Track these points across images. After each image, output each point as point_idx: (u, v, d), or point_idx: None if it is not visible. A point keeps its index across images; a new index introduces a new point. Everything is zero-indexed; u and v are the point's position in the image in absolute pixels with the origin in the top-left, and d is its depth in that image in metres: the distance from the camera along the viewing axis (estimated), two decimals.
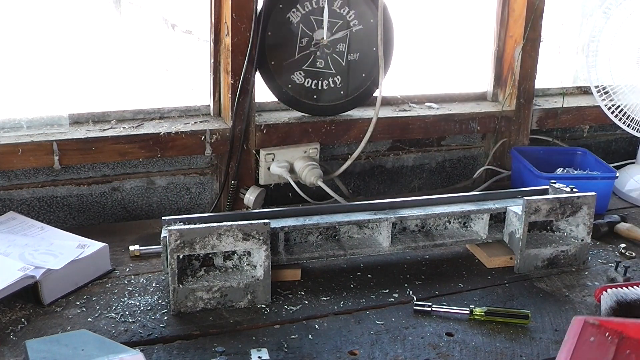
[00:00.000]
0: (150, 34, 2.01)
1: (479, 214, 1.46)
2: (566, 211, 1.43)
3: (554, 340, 1.21)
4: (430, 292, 1.34)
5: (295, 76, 1.71)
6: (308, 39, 1.69)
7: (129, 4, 2.00)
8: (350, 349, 1.16)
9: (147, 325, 1.19)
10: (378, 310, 1.27)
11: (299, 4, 1.66)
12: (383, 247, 1.40)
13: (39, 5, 1.69)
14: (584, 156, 1.91)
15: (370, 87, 1.79)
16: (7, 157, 1.49)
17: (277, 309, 1.26)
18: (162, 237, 1.25)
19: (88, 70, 1.81)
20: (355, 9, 1.71)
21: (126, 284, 1.32)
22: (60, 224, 1.56)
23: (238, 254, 1.29)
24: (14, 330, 1.16)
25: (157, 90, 1.93)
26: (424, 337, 1.20)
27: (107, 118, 1.65)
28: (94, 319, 1.20)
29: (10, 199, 1.56)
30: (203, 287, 1.24)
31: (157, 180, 1.68)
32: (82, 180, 1.62)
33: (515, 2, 1.92)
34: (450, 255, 1.50)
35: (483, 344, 1.19)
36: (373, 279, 1.39)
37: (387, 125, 1.83)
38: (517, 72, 1.93)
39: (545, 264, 1.44)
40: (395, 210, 1.42)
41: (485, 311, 1.25)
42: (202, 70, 1.75)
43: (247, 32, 1.61)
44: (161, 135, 1.61)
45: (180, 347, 1.14)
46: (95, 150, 1.56)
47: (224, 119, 1.71)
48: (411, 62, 2.04)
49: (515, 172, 1.87)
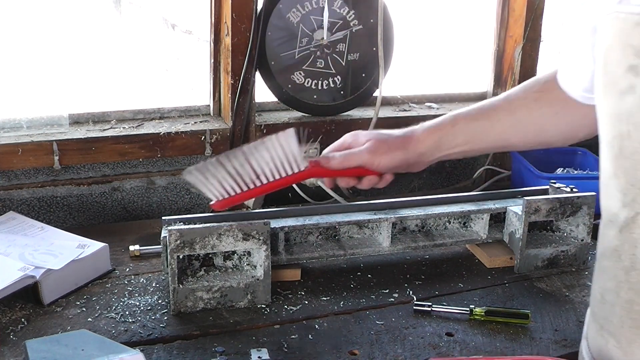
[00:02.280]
0: (150, 34, 2.01)
1: (479, 214, 1.46)
2: (566, 211, 1.43)
3: (554, 340, 1.21)
4: (430, 292, 1.34)
5: (295, 76, 1.71)
6: (308, 39, 1.69)
7: (129, 4, 2.00)
8: (350, 349, 1.16)
9: (147, 325, 1.19)
10: (378, 310, 1.27)
11: (299, 4, 1.66)
12: (383, 247, 1.40)
13: (39, 5, 1.69)
14: (584, 156, 1.91)
15: (370, 87, 1.79)
16: (7, 157, 1.49)
17: (277, 309, 1.26)
18: (162, 237, 1.25)
19: (88, 70, 1.81)
20: (355, 9, 1.72)
21: (126, 284, 1.32)
22: (60, 224, 1.56)
23: (238, 254, 1.29)
24: (14, 330, 1.16)
25: (157, 90, 1.93)
26: (424, 337, 1.20)
27: (107, 118, 1.66)
28: (94, 319, 1.20)
29: (10, 199, 1.56)
30: (203, 287, 1.24)
31: (157, 180, 1.68)
32: (82, 180, 1.62)
33: (515, 2, 1.92)
34: (450, 255, 1.50)
35: (483, 344, 1.19)
36: (373, 279, 1.39)
37: (387, 125, 1.81)
38: (517, 72, 1.93)
39: (545, 264, 1.44)
40: (395, 210, 1.42)
41: (485, 311, 1.25)
42: (202, 70, 1.75)
43: (247, 32, 1.61)
44: (161, 135, 1.61)
45: (180, 347, 1.14)
46: (95, 150, 1.56)
47: (224, 119, 1.71)
48: (411, 62, 2.04)
49: (515, 172, 1.87)
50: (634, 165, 0.79)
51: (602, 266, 0.89)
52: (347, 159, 1.17)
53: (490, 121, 1.17)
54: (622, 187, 0.82)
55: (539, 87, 1.16)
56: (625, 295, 0.84)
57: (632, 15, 0.77)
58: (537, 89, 1.16)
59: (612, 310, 0.86)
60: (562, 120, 1.14)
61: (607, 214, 0.86)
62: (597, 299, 0.91)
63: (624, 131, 0.80)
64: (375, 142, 1.17)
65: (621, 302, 0.85)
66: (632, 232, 0.82)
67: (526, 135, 1.19)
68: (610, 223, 0.86)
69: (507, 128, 1.18)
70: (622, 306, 0.85)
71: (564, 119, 1.13)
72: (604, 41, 0.82)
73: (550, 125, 1.15)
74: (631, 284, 0.83)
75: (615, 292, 0.86)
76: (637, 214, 0.81)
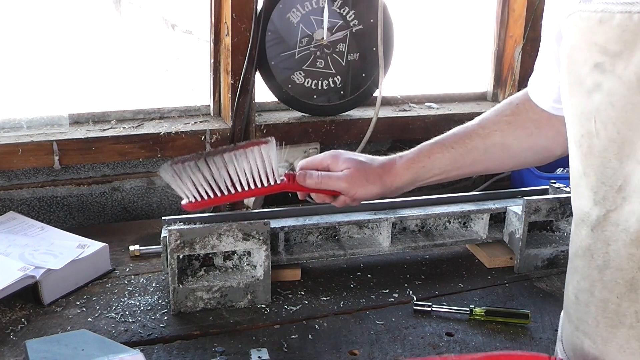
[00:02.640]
0: (150, 34, 2.01)
1: (479, 214, 1.46)
2: (566, 211, 1.43)
3: (554, 340, 1.20)
4: (430, 292, 1.34)
5: (295, 76, 1.71)
6: (308, 39, 1.69)
7: (129, 4, 2.00)
8: (350, 349, 1.16)
9: (147, 325, 1.19)
10: (378, 310, 1.27)
11: (299, 4, 1.66)
12: (383, 247, 1.40)
13: (39, 5, 1.69)
14: None
15: (370, 87, 1.79)
16: (7, 157, 1.49)
17: (277, 309, 1.26)
18: (162, 237, 1.25)
19: (88, 70, 1.81)
20: (355, 9, 1.72)
21: (126, 284, 1.32)
22: (60, 224, 1.56)
23: (238, 254, 1.29)
24: (14, 330, 1.16)
25: (157, 90, 1.93)
26: (424, 337, 1.20)
27: (107, 118, 1.66)
28: (94, 319, 1.20)
29: (10, 199, 1.56)
30: (203, 287, 1.24)
31: (157, 180, 1.68)
32: (82, 180, 1.62)
33: (515, 2, 1.92)
34: (450, 255, 1.50)
35: (483, 344, 1.19)
36: (373, 279, 1.39)
37: (387, 125, 1.83)
38: (517, 72, 1.93)
39: (545, 264, 1.44)
40: (395, 210, 1.42)
41: (485, 311, 1.25)
42: (202, 70, 1.75)
43: (247, 32, 1.61)
44: (161, 135, 1.61)
45: (180, 347, 1.14)
46: (95, 150, 1.56)
47: (224, 118, 1.71)
48: (411, 62, 2.04)
49: (515, 172, 1.87)
50: (604, 163, 0.80)
51: (574, 266, 0.90)
52: (324, 183, 1.16)
53: (466, 148, 1.17)
54: (593, 186, 0.82)
55: (512, 109, 1.16)
56: (600, 295, 0.84)
57: (595, 13, 0.77)
58: (510, 112, 1.16)
59: (587, 310, 0.86)
60: (536, 141, 1.14)
61: (579, 213, 0.87)
62: (571, 300, 0.91)
63: (592, 129, 0.80)
64: (354, 171, 1.17)
65: (595, 302, 0.85)
66: (605, 230, 0.82)
67: (501, 159, 1.19)
68: (582, 222, 0.86)
69: (482, 154, 1.17)
70: (596, 305, 0.84)
71: (538, 140, 1.14)
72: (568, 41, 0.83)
73: (525, 147, 1.16)
74: (605, 282, 0.83)
75: (589, 291, 0.86)
76: (609, 212, 0.81)
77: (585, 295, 0.87)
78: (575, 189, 0.87)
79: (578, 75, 0.81)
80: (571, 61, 0.82)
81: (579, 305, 0.89)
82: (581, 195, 0.85)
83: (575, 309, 0.90)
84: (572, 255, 0.91)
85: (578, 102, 0.82)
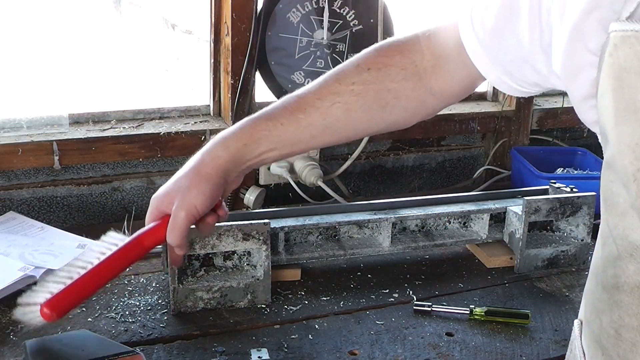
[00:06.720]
0: (150, 34, 2.01)
1: (479, 214, 1.46)
2: (566, 211, 1.43)
3: (554, 340, 1.21)
4: (430, 292, 1.34)
5: (295, 76, 1.71)
6: (308, 39, 1.69)
7: (129, 4, 2.00)
8: (350, 349, 1.16)
9: (147, 325, 1.19)
10: (378, 310, 1.27)
11: (299, 4, 1.66)
12: (383, 247, 1.40)
13: (39, 5, 1.69)
14: (584, 156, 1.91)
15: None
16: (7, 157, 1.49)
17: (277, 309, 1.26)
18: None
19: (88, 70, 1.82)
20: (355, 9, 1.72)
21: (126, 284, 1.32)
22: (60, 224, 1.56)
23: (238, 254, 1.29)
24: (14, 330, 1.16)
25: (157, 90, 1.93)
26: (424, 337, 1.20)
27: (107, 118, 1.65)
28: (94, 319, 1.20)
29: (10, 199, 1.56)
30: (203, 287, 1.24)
31: (157, 180, 1.68)
32: (82, 180, 1.62)
33: None
34: (450, 255, 1.50)
35: (483, 344, 1.19)
36: (373, 279, 1.39)
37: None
38: None
39: (545, 264, 1.44)
40: (395, 210, 1.42)
41: (485, 311, 1.25)
42: (202, 70, 1.75)
43: (247, 32, 1.61)
44: (161, 135, 1.61)
45: (180, 347, 1.14)
46: (95, 150, 1.56)
47: (224, 119, 1.71)
48: None
49: (515, 172, 1.87)
50: None
51: (616, 300, 0.80)
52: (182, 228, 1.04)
53: (299, 125, 1.02)
54: None
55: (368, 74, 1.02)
56: None
57: None
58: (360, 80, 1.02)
59: (633, 349, 0.79)
60: (390, 116, 1.01)
61: (628, 246, 0.77)
62: (610, 334, 0.82)
63: None
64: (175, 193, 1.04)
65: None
66: None
67: (346, 133, 1.05)
68: (630, 257, 0.77)
69: (322, 131, 1.02)
70: None
71: (392, 114, 1.01)
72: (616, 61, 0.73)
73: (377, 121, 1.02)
74: None
75: (637, 330, 0.78)
76: None
77: (632, 334, 0.79)
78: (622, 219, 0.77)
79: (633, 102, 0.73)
80: (623, 85, 0.73)
81: (621, 342, 0.81)
82: (631, 227, 0.76)
83: (615, 344, 0.82)
84: (612, 287, 0.81)
85: (632, 132, 0.73)
